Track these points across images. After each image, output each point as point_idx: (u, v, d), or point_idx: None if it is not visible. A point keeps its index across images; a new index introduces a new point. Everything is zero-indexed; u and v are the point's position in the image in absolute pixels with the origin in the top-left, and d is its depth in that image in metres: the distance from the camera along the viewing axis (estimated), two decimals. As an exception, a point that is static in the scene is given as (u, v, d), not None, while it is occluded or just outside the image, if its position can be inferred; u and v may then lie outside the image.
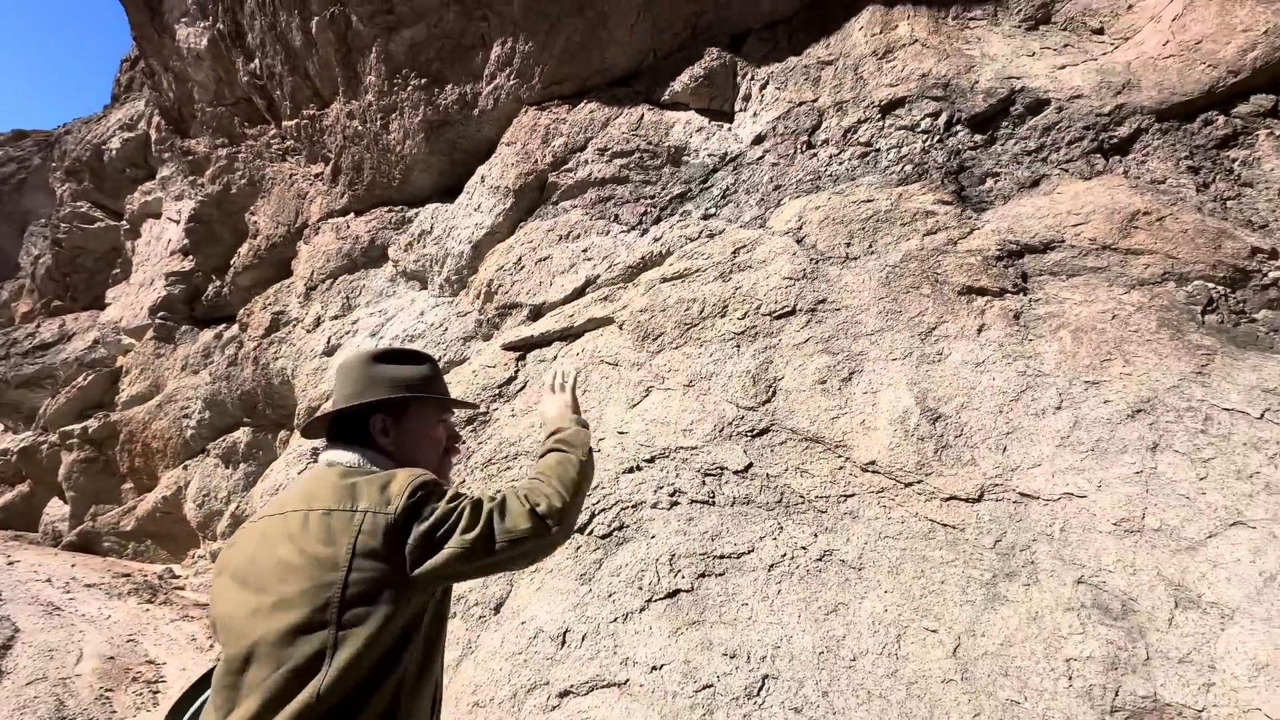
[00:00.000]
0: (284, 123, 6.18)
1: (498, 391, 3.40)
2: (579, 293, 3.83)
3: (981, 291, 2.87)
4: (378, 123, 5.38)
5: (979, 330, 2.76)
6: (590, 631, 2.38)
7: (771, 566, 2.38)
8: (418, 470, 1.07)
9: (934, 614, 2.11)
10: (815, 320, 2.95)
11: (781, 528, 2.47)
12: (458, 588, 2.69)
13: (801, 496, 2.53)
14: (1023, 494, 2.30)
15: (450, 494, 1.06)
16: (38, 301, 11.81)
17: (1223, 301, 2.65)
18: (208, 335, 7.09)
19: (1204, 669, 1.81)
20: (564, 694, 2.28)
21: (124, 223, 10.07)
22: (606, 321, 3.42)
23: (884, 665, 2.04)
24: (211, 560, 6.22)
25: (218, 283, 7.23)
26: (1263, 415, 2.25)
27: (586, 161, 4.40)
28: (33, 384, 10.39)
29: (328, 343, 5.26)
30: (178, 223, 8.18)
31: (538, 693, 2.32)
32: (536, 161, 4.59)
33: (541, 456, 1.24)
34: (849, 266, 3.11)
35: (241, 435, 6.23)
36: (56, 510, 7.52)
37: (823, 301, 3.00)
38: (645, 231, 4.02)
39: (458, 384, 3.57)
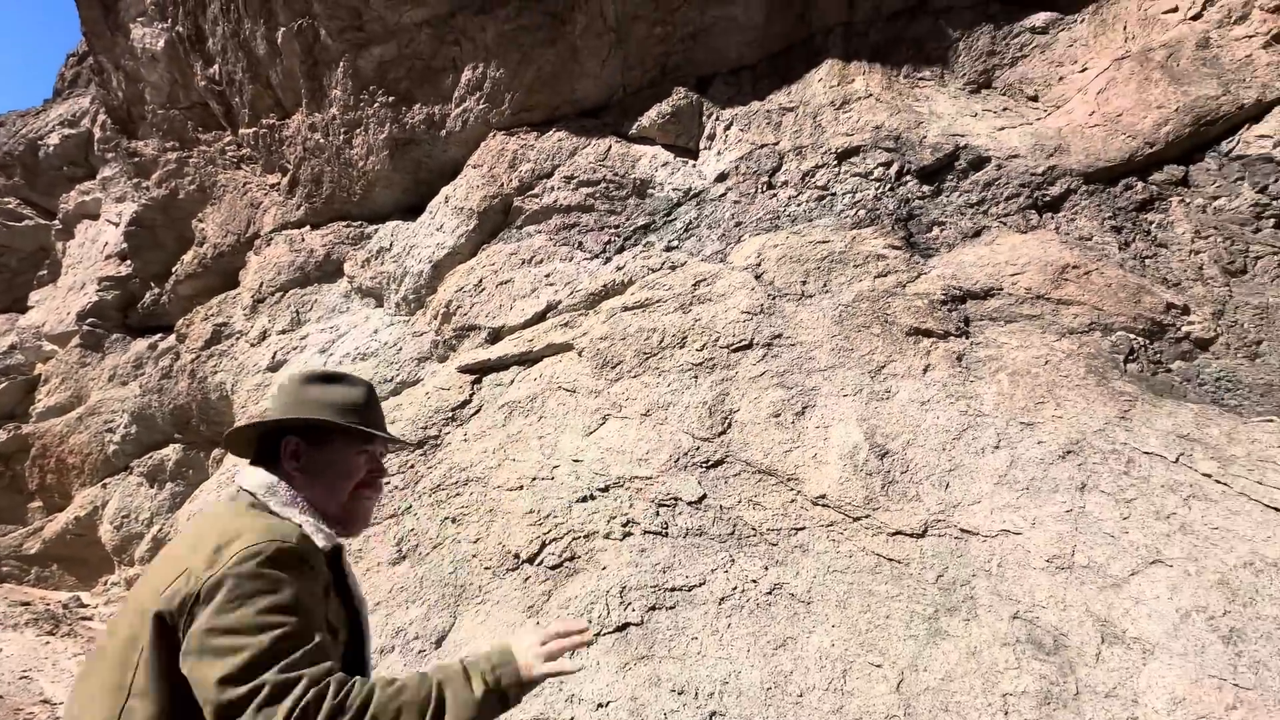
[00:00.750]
0: (241, 130, 6.01)
1: (451, 415, 3.33)
2: (540, 317, 3.82)
3: (928, 333, 3.00)
4: (341, 137, 5.30)
5: (925, 370, 2.88)
6: (535, 667, 2.30)
7: (722, 599, 2.37)
8: (269, 535, 0.91)
9: (879, 649, 2.14)
10: (771, 354, 3.02)
11: (734, 560, 2.47)
12: (396, 618, 2.57)
13: (754, 529, 2.55)
14: (963, 530, 2.38)
15: (275, 594, 0.85)
16: (-51, 301, 10.92)
17: (1142, 351, 2.85)
18: (141, 345, 6.69)
19: (1128, 703, 1.89)
20: (505, 734, 2.19)
21: (56, 222, 9.49)
22: (566, 348, 3.41)
23: (830, 701, 2.05)
24: (126, 588, 5.76)
25: (156, 290, 6.87)
26: (1178, 459, 2.41)
27: (553, 188, 4.44)
28: (-65, 390, 9.53)
29: (273, 358, 5.05)
30: (117, 225, 7.77)
31: (477, 733, 2.21)
32: (503, 185, 4.59)
33: (436, 682, 0.89)
34: (804, 304, 3.21)
35: (170, 453, 5.86)
36: (-50, 530, 6.83)
37: (779, 336, 3.08)
38: (609, 260, 4.06)
39: (410, 405, 3.47)
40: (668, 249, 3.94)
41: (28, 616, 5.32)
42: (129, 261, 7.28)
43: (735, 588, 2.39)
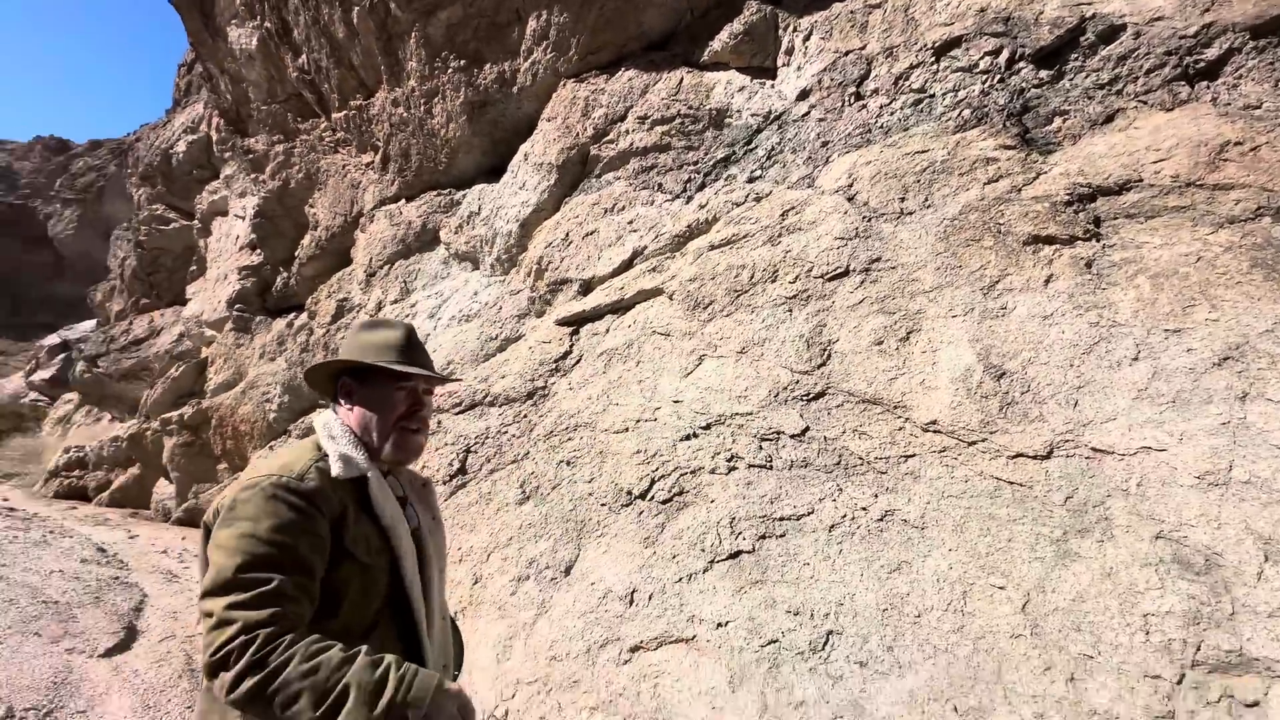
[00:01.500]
0: (334, 115, 6.38)
1: (554, 366, 3.51)
2: (627, 265, 3.87)
3: (1049, 240, 2.73)
4: (421, 108, 5.49)
5: (1046, 281, 2.64)
6: (656, 591, 2.49)
7: (832, 527, 2.41)
8: (272, 469, 1.07)
9: (1001, 571, 2.10)
10: (870, 280, 2.89)
11: (841, 489, 2.49)
12: (528, 551, 2.86)
13: (860, 458, 2.53)
14: (1095, 449, 2.23)
15: (257, 522, 0.98)
16: (128, 300, 12.80)
17: (1327, 235, 2.43)
18: (280, 324, 7.54)
19: (1297, 623, 1.75)
20: (635, 649, 2.41)
21: (196, 222, 10.70)
22: (656, 292, 3.45)
23: (950, 621, 2.06)
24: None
25: (285, 274, 7.64)
26: (1371, 357, 2.08)
27: (627, 131, 4.38)
28: (131, 377, 11.35)
29: (390, 326, 5.52)
30: (244, 219, 8.65)
31: (610, 648, 2.46)
32: (577, 135, 4.59)
33: (354, 658, 0.92)
34: (904, 223, 3.01)
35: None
36: (164, 490, 8.30)
37: (877, 260, 2.93)
38: (690, 199, 3.99)
39: (515, 359, 3.70)
40: (750, 180, 3.81)
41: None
42: (258, 251, 8.12)
43: (845, 515, 2.42)
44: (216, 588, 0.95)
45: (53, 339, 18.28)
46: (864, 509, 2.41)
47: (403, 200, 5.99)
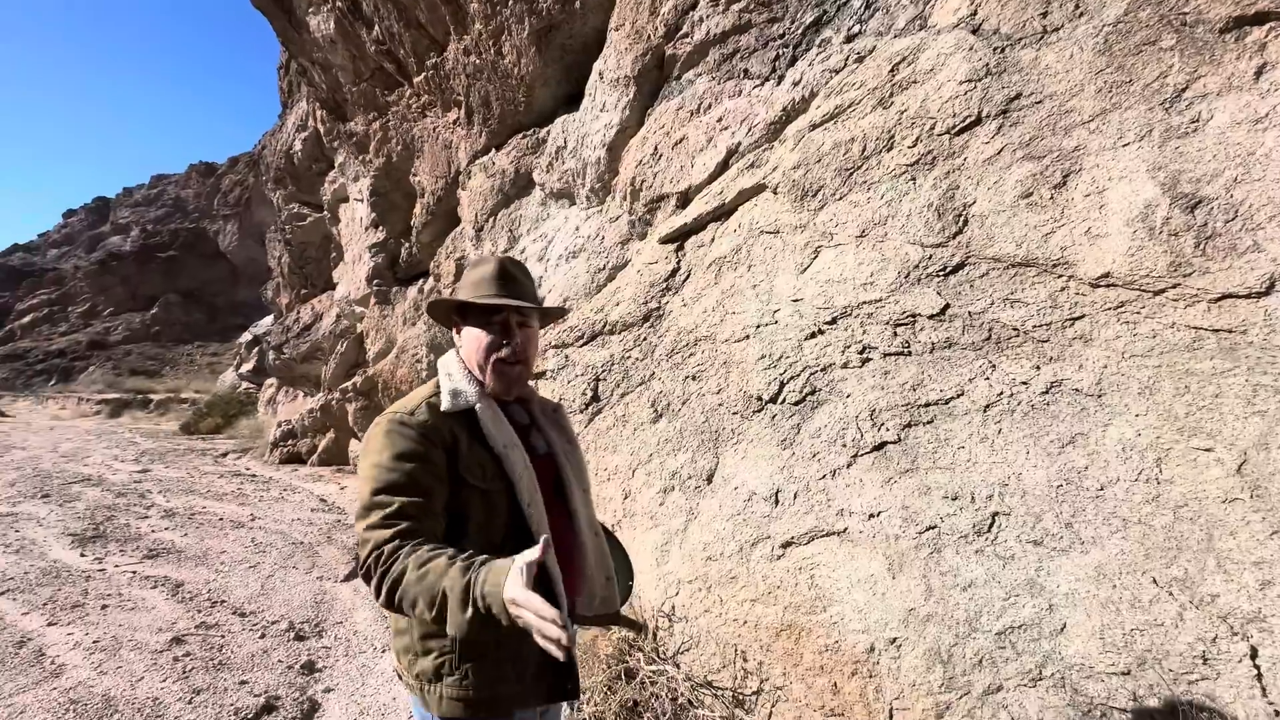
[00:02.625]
0: (414, 79, 6.54)
1: (665, 285, 3.50)
2: (723, 167, 3.66)
3: (1260, 18, 2.13)
4: (491, 49, 5.43)
5: (1258, 73, 2.09)
6: (801, 489, 2.50)
7: (987, 407, 2.23)
8: (398, 407, 1.23)
9: (1206, 432, 1.83)
10: (1009, 123, 2.48)
11: (994, 366, 2.27)
12: (669, 465, 2.99)
13: (1014, 329, 2.28)
14: (1338, 274, 1.80)
15: (384, 451, 1.14)
16: (291, 294, 14.67)
17: None
18: (412, 291, 8.24)
19: None
20: (786, 544, 2.47)
21: (325, 213, 11.80)
22: (758, 190, 3.24)
23: (1141, 491, 1.85)
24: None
25: (406, 244, 8.25)
26: None
27: (701, 19, 4.01)
28: (310, 358, 13.19)
29: (505, 275, 5.80)
30: (362, 201, 9.36)
31: (761, 545, 2.54)
32: (649, 38, 4.30)
33: (454, 562, 0.99)
34: (1048, 44, 2.50)
35: (461, 369, 7.33)
36: (356, 447, 9.73)
37: (1016, 98, 2.49)
38: (781, 79, 3.63)
39: (627, 286, 3.73)
40: (848, 39, 3.35)
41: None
42: (380, 228, 8.80)
43: (1001, 393, 2.22)
44: (357, 514, 1.12)
45: (246, 336, 21.60)
46: (1024, 383, 2.19)
47: (493, 150, 6.10)
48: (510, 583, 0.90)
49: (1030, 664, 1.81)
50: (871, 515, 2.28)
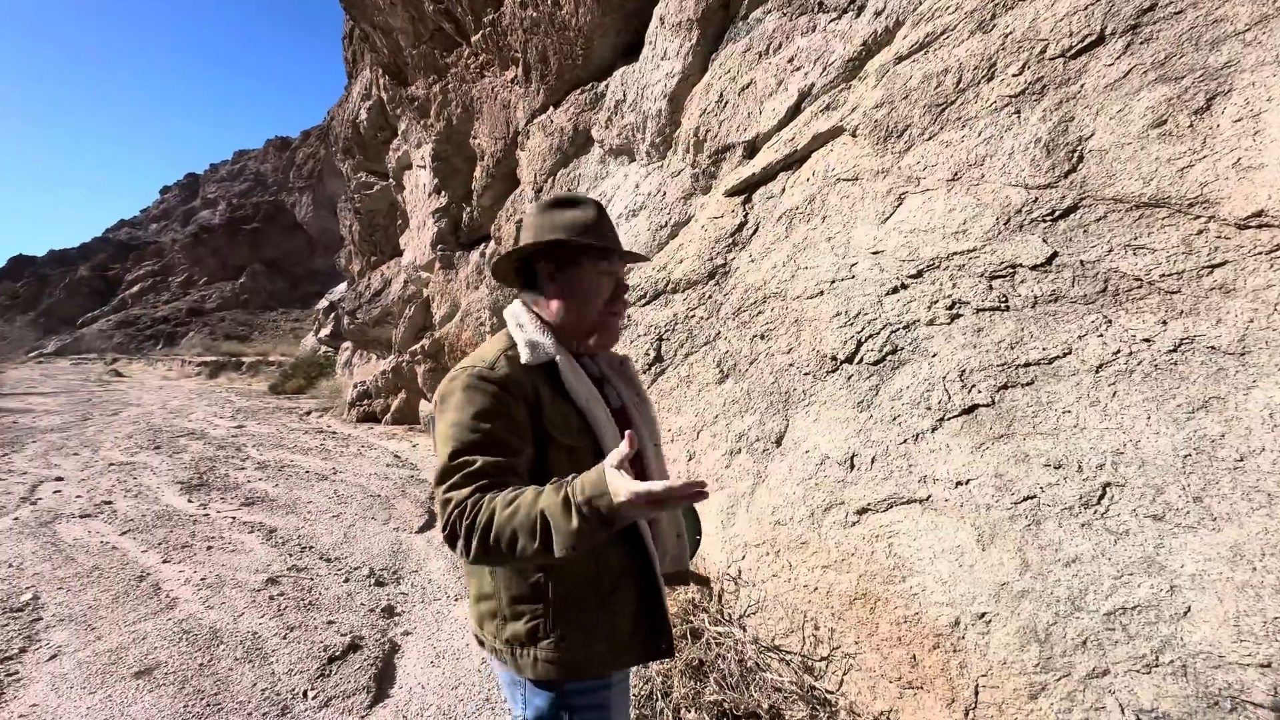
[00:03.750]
0: (472, 38, 6.46)
1: (731, 241, 3.34)
2: (794, 111, 3.41)
3: None
4: (548, 1, 5.26)
5: None
6: (879, 454, 2.36)
7: (1100, 367, 1.99)
8: (475, 361, 1.15)
9: (1384, 395, 1.55)
10: (1139, 40, 2.14)
11: (1109, 321, 2.02)
12: (735, 426, 2.89)
13: (1137, 279, 2.01)
14: None
15: (464, 409, 1.08)
16: (362, 260, 15.29)
17: None
18: (475, 255, 8.36)
19: None
20: (861, 511, 2.35)
21: (390, 180, 12.11)
22: (835, 133, 3.00)
23: (1293, 463, 1.61)
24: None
25: (468, 209, 8.34)
26: None
27: (772, -51, 3.70)
28: (380, 322, 13.79)
29: (565, 237, 5.75)
30: (425, 168, 9.51)
31: (834, 511, 2.43)
32: (714, -26, 4.02)
33: (541, 497, 0.96)
34: (1195, -60, 2.12)
35: (523, 332, 7.42)
36: (425, 407, 10.17)
37: (1150, 9, 2.14)
38: (861, 9, 3.30)
39: (690, 242, 3.59)
40: (941, -41, 2.99)
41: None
42: (442, 193, 8.93)
43: (1118, 351, 1.97)
44: (438, 476, 1.06)
45: (323, 303, 22.84)
46: (1146, 340, 1.94)
47: (550, 109, 5.98)
48: (612, 479, 0.89)
49: (1145, 649, 1.64)
50: (959, 483, 2.11)
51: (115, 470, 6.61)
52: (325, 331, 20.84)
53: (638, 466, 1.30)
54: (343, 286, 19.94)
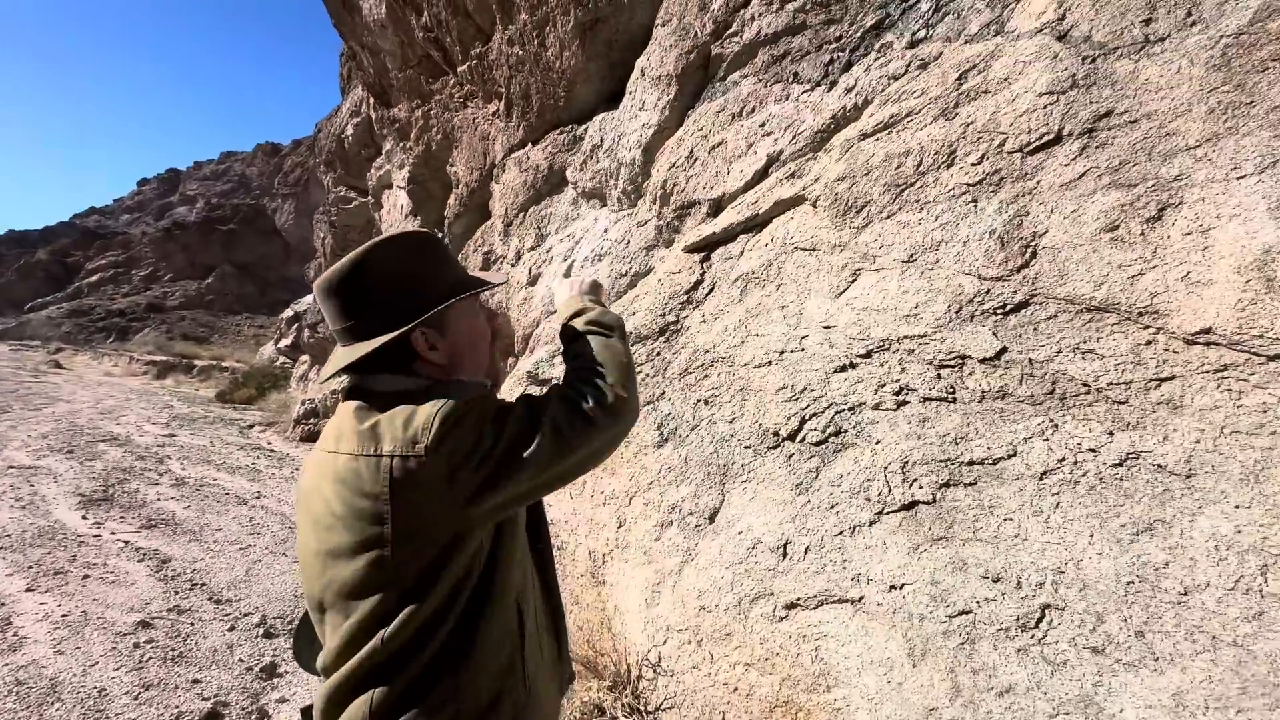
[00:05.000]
0: (458, 68, 6.46)
1: (685, 298, 3.22)
2: (761, 175, 3.37)
3: None
4: (534, 41, 5.28)
5: None
6: (813, 544, 2.19)
7: (1044, 474, 1.87)
8: (444, 400, 0.89)
9: (1332, 539, 1.45)
10: (1095, 144, 2.13)
11: (1055, 425, 1.92)
12: (669, 496, 2.70)
13: (1085, 384, 1.92)
14: None
15: (489, 410, 0.91)
16: (331, 274, 14.93)
17: None
18: (441, 282, 8.17)
19: None
20: (790, 605, 2.16)
21: (370, 198, 11.95)
22: (797, 201, 2.94)
23: (1239, 605, 1.48)
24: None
25: (440, 235, 8.19)
26: None
27: (752, 18, 3.74)
28: (341, 339, 13.36)
29: (529, 274, 5.62)
30: (403, 189, 9.40)
31: (762, 602, 2.23)
32: (696, 35, 4.06)
33: (572, 341, 1.10)
34: (1150, 55, 2.15)
35: (480, 365, 7.18)
36: (373, 433, 9.71)
37: (1106, 115, 2.14)
38: (834, 84, 3.32)
39: (645, 295, 3.47)
40: (911, 45, 3.03)
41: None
42: (417, 216, 8.79)
43: (1063, 459, 1.87)
44: (531, 455, 0.90)
45: (288, 312, 22.19)
46: (1092, 450, 1.84)
47: (529, 145, 5.94)
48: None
49: (1078, 805, 1.46)
50: (893, 587, 1.95)
51: (13, 474, 6.06)
52: (286, 342, 20.18)
53: (539, 561, 1.13)
54: (309, 298, 19.42)
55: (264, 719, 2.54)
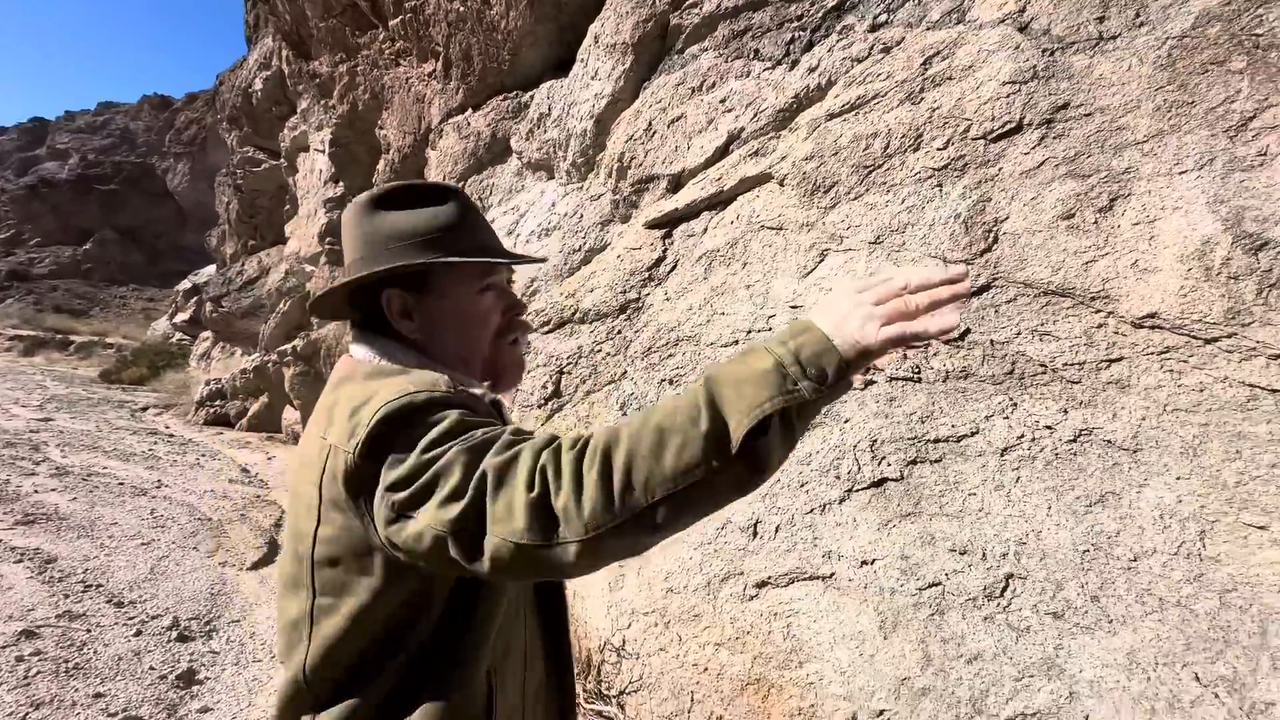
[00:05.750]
0: (389, 22, 5.96)
1: (647, 275, 3.14)
2: (722, 152, 3.31)
3: (1340, 49, 1.91)
4: (478, -3, 4.94)
5: (1336, 109, 1.87)
6: (784, 523, 2.19)
7: (1005, 450, 1.96)
8: (409, 387, 0.72)
9: (1261, 506, 1.59)
10: (1053, 135, 2.21)
11: (1015, 404, 2.00)
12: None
13: (1042, 365, 2.02)
14: None
15: (445, 423, 0.67)
16: (237, 243, 13.66)
17: None
18: (368, 255, 7.62)
19: None
20: (761, 584, 2.16)
21: (282, 160, 10.95)
22: (763, 179, 2.91)
23: (1182, 569, 1.61)
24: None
25: (366, 203, 7.62)
26: None
27: (714, -12, 3.65)
28: (250, 314, 12.29)
29: (470, 247, 5.32)
30: (323, 152, 8.65)
31: (732, 582, 2.22)
32: (654, 3, 3.92)
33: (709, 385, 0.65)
34: (1104, 51, 2.25)
35: (413, 343, 6.78)
36: (290, 415, 9.04)
37: (1064, 108, 2.23)
38: (795, 64, 3.30)
39: (604, 271, 3.35)
40: (873, 28, 3.05)
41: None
42: (339, 182, 8.14)
43: (1022, 436, 1.95)
44: (454, 487, 0.61)
45: (185, 284, 20.18)
46: (1049, 428, 1.93)
47: (469, 110, 5.59)
48: (832, 296, 0.61)
49: (1043, 761, 1.54)
50: (864, 562, 1.98)
51: None
52: (183, 316, 18.36)
53: (547, 627, 0.94)
54: (211, 269, 17.72)
55: (184, 733, 2.28)
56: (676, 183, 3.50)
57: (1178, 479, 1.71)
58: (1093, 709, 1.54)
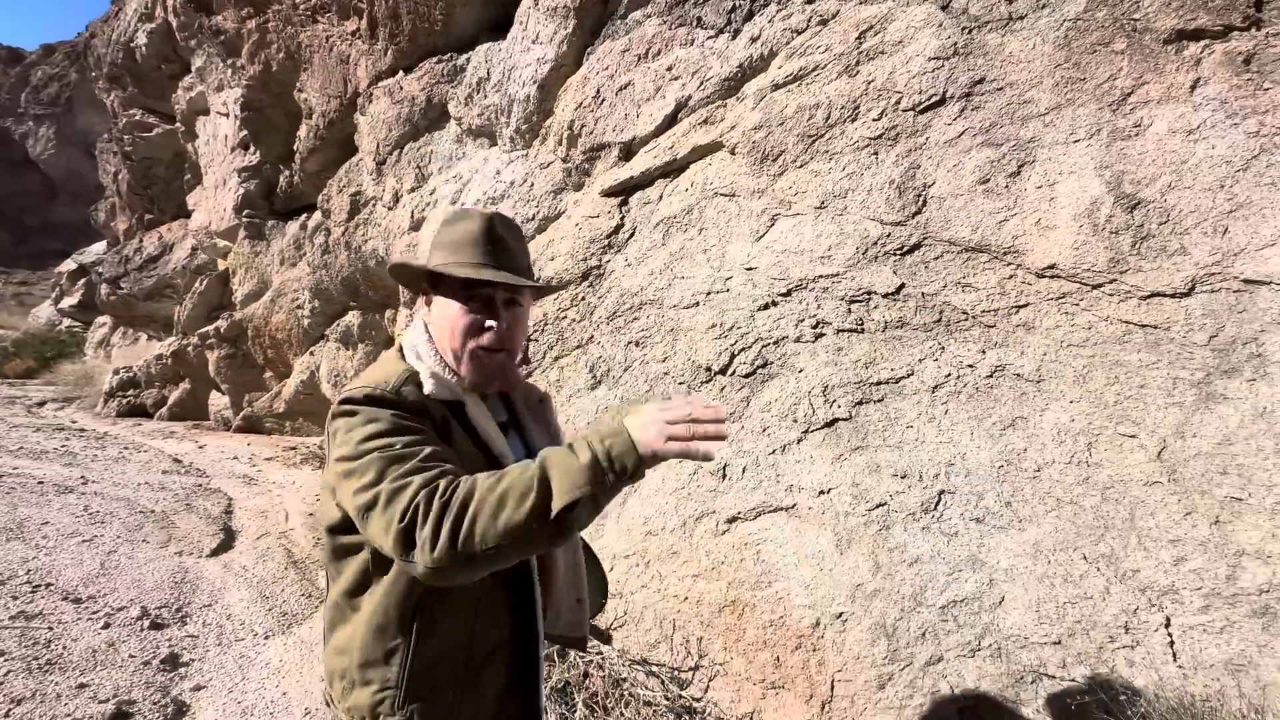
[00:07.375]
0: (304, -26, 5.55)
1: (606, 243, 3.25)
2: (671, 120, 3.43)
3: (1197, 34, 2.26)
4: (405, -48, 4.70)
5: (1193, 87, 2.22)
6: (750, 464, 2.44)
7: (935, 388, 2.27)
8: (368, 379, 0.99)
9: (1132, 419, 1.97)
10: (971, 107, 2.49)
11: (943, 348, 2.31)
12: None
13: (964, 313, 2.33)
14: (1248, 281, 1.98)
15: (377, 423, 0.91)
16: (131, 217, 12.41)
17: None
18: (294, 227, 7.22)
19: None
20: (732, 520, 2.42)
21: (178, 125, 9.97)
22: (714, 147, 3.07)
23: (1073, 474, 1.97)
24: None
25: (287, 172, 7.17)
26: None
27: (655, -47, 3.69)
28: (156, 295, 11.29)
29: (412, 218, 5.20)
30: (228, 116, 7.97)
31: (706, 520, 2.47)
32: (595, -34, 3.90)
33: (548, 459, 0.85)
34: (1013, 31, 2.53)
35: (352, 319, 6.57)
36: (219, 401, 8.56)
37: (980, 82, 2.50)
38: (737, 33, 3.43)
39: (562, 239, 3.43)
40: (809, 0, 3.22)
41: (300, 456, 6.72)
42: (253, 150, 7.56)
43: (949, 375, 2.27)
44: (363, 499, 0.86)
45: (69, 264, 18.18)
46: (970, 366, 2.25)
47: (400, 73, 5.36)
48: (643, 409, 0.84)
49: (970, 635, 1.89)
50: (822, 492, 2.27)
51: None
52: (70, 301, 16.62)
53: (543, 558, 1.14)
54: (99, 247, 16.02)
55: (183, 711, 2.31)
56: (628, 150, 3.60)
57: (1071, 402, 2.07)
58: (1007, 591, 1.89)
